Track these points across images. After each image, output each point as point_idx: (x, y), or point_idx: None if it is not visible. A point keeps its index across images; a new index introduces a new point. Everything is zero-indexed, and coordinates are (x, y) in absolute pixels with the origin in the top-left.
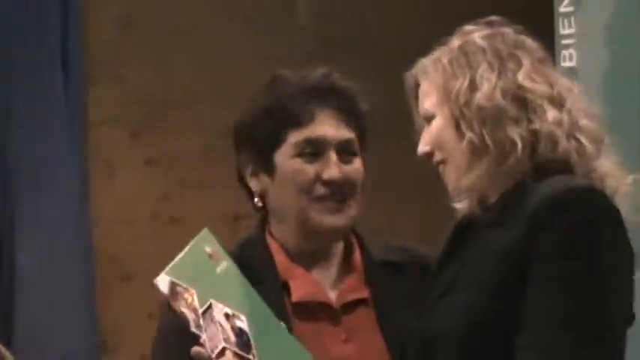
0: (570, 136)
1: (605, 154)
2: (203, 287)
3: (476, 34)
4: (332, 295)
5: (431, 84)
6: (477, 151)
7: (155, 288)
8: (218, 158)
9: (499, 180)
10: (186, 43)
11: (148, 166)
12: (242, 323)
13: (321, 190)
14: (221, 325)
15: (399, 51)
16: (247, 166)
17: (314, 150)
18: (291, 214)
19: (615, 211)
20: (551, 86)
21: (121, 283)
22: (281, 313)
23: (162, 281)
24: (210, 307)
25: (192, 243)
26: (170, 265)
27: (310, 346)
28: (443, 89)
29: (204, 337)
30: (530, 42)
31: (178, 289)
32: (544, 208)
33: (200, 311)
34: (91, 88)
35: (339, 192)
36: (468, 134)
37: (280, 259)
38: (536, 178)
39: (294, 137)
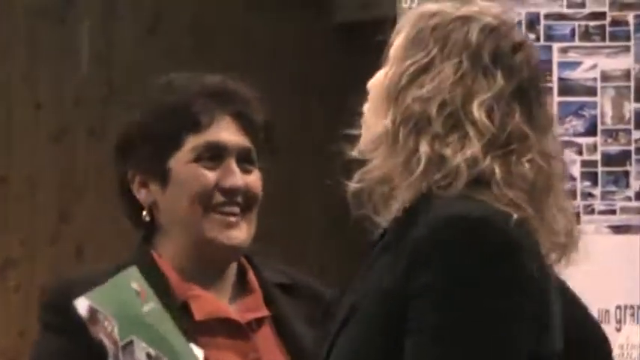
0: (480, 177)
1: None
2: (125, 321)
3: (477, 24)
4: (235, 314)
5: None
6: (386, 144)
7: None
8: None
9: (405, 192)
10: None
11: None
12: None
13: (219, 198)
14: None
15: None
16: (135, 176)
17: (214, 155)
18: (183, 228)
19: (510, 246)
20: (504, 128)
21: None
22: (189, 336)
23: (81, 304)
24: (131, 342)
25: (119, 276)
26: (93, 291)
27: None
28: (399, 52)
29: None
30: (521, 59)
31: (99, 315)
32: (422, 243)
33: (120, 344)
34: None
35: (239, 203)
36: (387, 122)
37: (174, 279)
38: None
39: (193, 141)
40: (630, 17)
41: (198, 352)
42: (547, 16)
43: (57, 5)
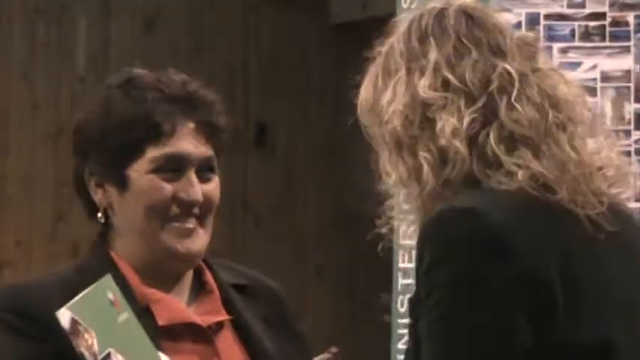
0: (475, 141)
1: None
2: (103, 333)
3: (401, 27)
4: (196, 318)
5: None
6: (403, 183)
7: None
8: None
9: (434, 206)
10: None
11: None
12: None
13: (176, 210)
14: None
15: None
16: (92, 177)
17: (174, 167)
18: (139, 236)
19: (487, 239)
20: (464, 81)
21: None
22: (153, 341)
23: (64, 316)
24: (108, 355)
25: (94, 285)
26: (72, 301)
27: None
28: (372, 106)
29: None
30: (453, 17)
31: (79, 327)
32: (416, 245)
33: (99, 357)
34: None
35: (196, 213)
36: (395, 165)
37: (135, 282)
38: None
39: (153, 152)
40: (630, 18)
41: None
42: (547, 17)
43: (54, 6)
